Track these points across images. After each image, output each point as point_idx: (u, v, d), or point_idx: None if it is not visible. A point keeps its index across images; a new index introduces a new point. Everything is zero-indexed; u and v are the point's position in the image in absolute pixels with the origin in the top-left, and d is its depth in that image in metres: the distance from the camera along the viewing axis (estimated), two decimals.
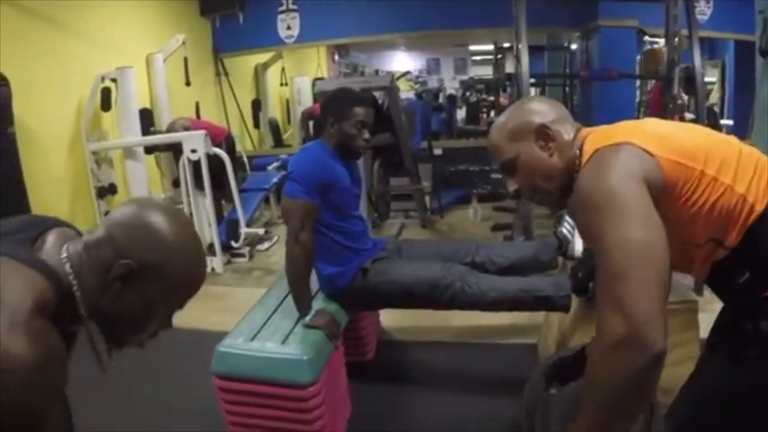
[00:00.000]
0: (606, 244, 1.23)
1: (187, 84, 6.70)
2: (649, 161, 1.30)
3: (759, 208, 1.28)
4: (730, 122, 8.64)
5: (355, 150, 2.78)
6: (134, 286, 1.12)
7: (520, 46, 4.52)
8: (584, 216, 1.32)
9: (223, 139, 6.11)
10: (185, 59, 6.73)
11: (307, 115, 9.03)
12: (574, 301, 2.64)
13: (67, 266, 1.11)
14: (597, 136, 1.44)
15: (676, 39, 4.91)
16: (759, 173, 1.33)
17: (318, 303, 2.76)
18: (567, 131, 1.54)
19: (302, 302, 2.60)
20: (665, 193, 1.30)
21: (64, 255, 1.12)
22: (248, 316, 2.72)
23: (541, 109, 1.57)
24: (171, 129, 5.84)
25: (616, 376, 1.17)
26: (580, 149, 1.47)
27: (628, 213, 1.22)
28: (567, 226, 2.99)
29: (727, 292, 1.42)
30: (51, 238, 1.17)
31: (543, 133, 1.53)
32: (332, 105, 2.84)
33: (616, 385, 1.18)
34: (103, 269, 1.10)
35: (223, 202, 6.03)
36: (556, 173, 1.52)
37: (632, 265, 1.18)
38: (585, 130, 1.54)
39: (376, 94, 5.79)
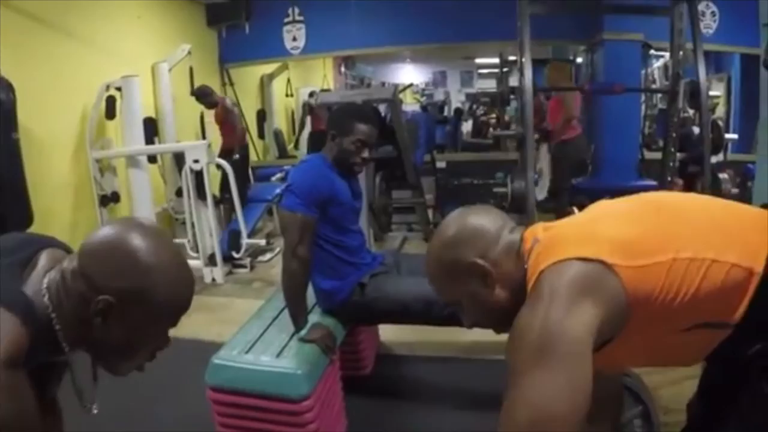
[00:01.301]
0: (517, 397, 1.15)
1: (192, 94, 6.70)
2: (605, 277, 1.17)
3: (758, 269, 1.17)
4: (735, 136, 8.60)
5: (350, 166, 2.75)
6: (117, 318, 1.08)
7: (523, 59, 4.50)
8: (512, 356, 1.20)
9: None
10: (191, 69, 6.74)
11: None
12: None
13: (46, 298, 1.08)
14: (543, 249, 1.29)
15: (681, 53, 4.89)
16: (749, 229, 1.25)
17: (314, 317, 2.74)
18: (508, 250, 1.38)
19: (298, 316, 2.58)
20: (634, 304, 1.18)
21: (45, 285, 1.10)
22: (244, 329, 2.70)
23: (473, 235, 1.40)
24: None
25: None
26: (527, 269, 1.31)
27: (553, 375, 1.10)
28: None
29: (732, 362, 1.29)
30: (42, 262, 1.15)
31: (478, 271, 1.37)
32: (336, 119, 2.82)
33: None
34: (81, 302, 1.07)
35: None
36: (503, 306, 1.38)
37: None
38: (530, 238, 1.37)
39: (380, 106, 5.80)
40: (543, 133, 6.68)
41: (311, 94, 9.44)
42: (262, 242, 5.90)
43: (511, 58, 7.59)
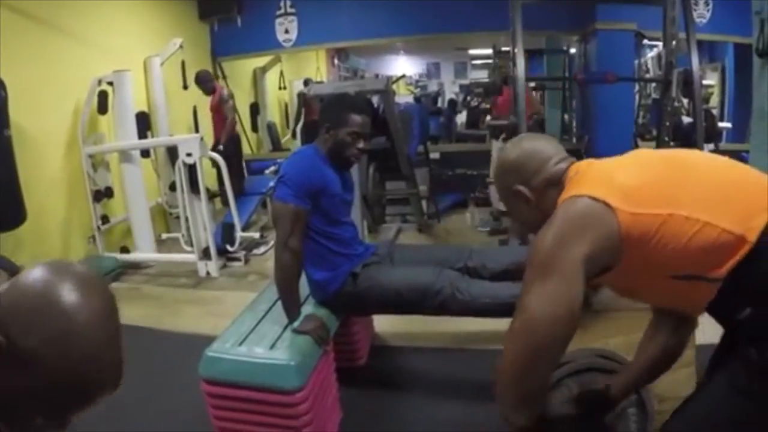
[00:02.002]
0: (524, 302, 1.40)
1: (185, 88, 6.68)
2: (603, 216, 1.37)
3: (750, 238, 1.28)
4: (729, 125, 8.61)
5: (346, 158, 2.74)
6: (7, 369, 0.86)
7: (516, 49, 4.50)
8: (528, 265, 1.44)
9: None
10: (183, 63, 6.71)
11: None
12: None
13: None
14: (573, 183, 1.52)
15: (674, 42, 4.89)
16: (752, 200, 1.34)
17: (308, 308, 2.74)
18: (550, 179, 1.60)
19: (291, 308, 2.58)
20: (626, 244, 1.36)
21: None
22: (237, 321, 2.70)
23: (522, 162, 1.65)
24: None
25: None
26: (563, 188, 1.55)
27: (551, 284, 1.36)
28: None
29: (727, 324, 1.44)
30: None
31: (520, 197, 1.63)
32: (329, 111, 2.81)
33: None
34: None
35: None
36: (541, 222, 1.53)
37: (529, 342, 1.39)
38: (573, 169, 1.59)
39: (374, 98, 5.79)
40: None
41: (306, 83, 9.44)
42: (257, 235, 5.89)
43: (505, 48, 7.59)
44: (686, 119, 6.11)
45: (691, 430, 1.45)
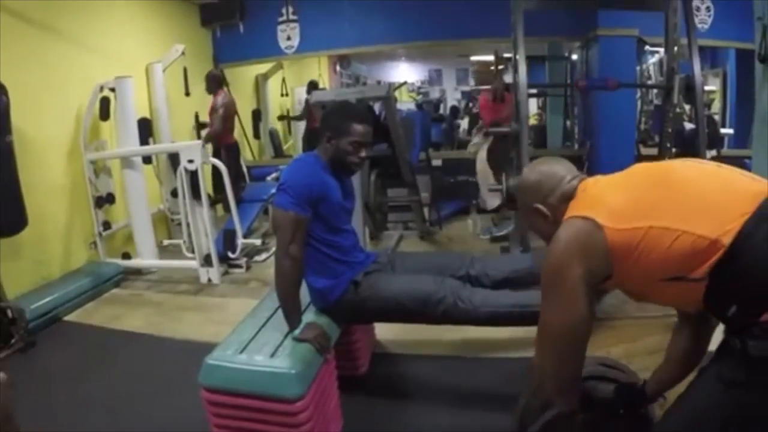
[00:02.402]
0: (543, 318, 1.71)
1: (187, 94, 6.70)
2: (593, 234, 1.57)
3: (726, 241, 1.41)
4: (731, 131, 8.60)
5: (348, 167, 2.74)
6: None
7: (518, 56, 4.50)
8: (541, 279, 1.71)
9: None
10: (185, 69, 6.73)
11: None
12: None
13: None
14: (574, 202, 1.74)
15: (676, 48, 4.89)
16: (729, 205, 1.47)
17: (309, 316, 2.73)
18: (563, 197, 1.78)
19: (292, 315, 2.57)
20: (615, 256, 1.56)
21: None
22: (238, 329, 2.69)
23: (539, 183, 1.84)
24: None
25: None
26: (569, 206, 1.75)
27: (559, 297, 1.63)
28: None
29: (723, 322, 1.52)
30: None
31: (539, 214, 1.82)
32: (331, 120, 2.80)
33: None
34: None
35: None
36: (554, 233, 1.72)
37: (551, 343, 1.71)
38: (582, 187, 1.78)
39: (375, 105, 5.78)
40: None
41: (312, 86, 9.41)
42: (258, 242, 5.88)
43: (507, 55, 7.59)
44: (688, 125, 6.11)
45: (680, 422, 1.56)
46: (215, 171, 5.57)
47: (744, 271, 1.39)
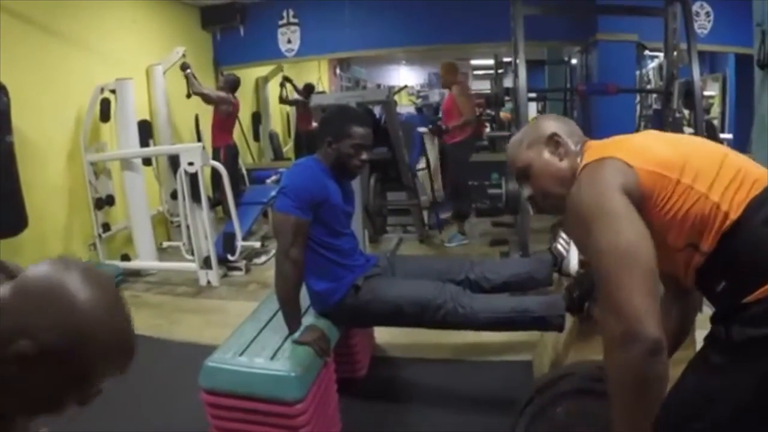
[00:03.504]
0: (597, 250, 1.39)
1: (188, 96, 6.70)
2: (628, 173, 1.44)
3: (733, 216, 1.36)
4: (730, 136, 8.62)
5: (350, 170, 2.75)
6: (33, 371, 0.90)
7: (518, 60, 4.50)
8: (576, 226, 1.50)
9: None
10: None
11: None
12: (569, 320, 2.61)
13: None
14: (593, 151, 1.62)
15: (675, 53, 4.89)
16: (738, 183, 1.41)
17: (309, 319, 2.73)
18: (575, 143, 1.70)
19: (292, 318, 2.57)
20: (643, 201, 1.42)
21: None
22: (238, 331, 2.70)
23: (553, 124, 1.75)
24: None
25: (622, 374, 1.31)
26: (581, 160, 1.63)
27: (614, 220, 1.38)
28: (562, 242, 2.96)
29: (710, 299, 1.48)
30: None
31: (553, 141, 1.71)
32: (331, 123, 2.82)
33: (626, 381, 1.31)
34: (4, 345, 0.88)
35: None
36: (565, 177, 1.66)
37: (621, 268, 1.32)
38: (588, 144, 1.70)
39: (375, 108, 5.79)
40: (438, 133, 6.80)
41: (307, 89, 9.44)
42: (257, 245, 5.89)
43: (506, 59, 7.60)
44: (687, 130, 6.11)
45: (666, 411, 1.43)
46: (214, 173, 5.58)
47: (740, 249, 1.36)
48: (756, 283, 1.30)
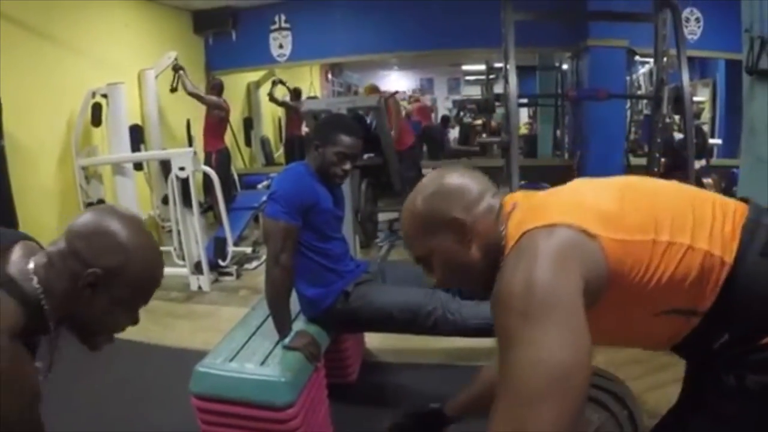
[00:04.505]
0: (519, 358, 1.06)
1: (171, 90, 6.65)
2: (588, 246, 1.16)
3: (728, 259, 1.18)
4: (719, 141, 8.66)
5: (332, 177, 2.74)
6: (102, 291, 1.22)
7: (508, 66, 4.52)
8: (502, 318, 1.13)
9: None
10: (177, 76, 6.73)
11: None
12: None
13: (35, 281, 1.19)
14: (524, 214, 1.28)
15: (665, 59, 4.92)
16: (721, 219, 1.24)
17: (299, 324, 2.73)
18: (488, 211, 1.35)
19: (282, 324, 2.57)
20: (612, 277, 1.17)
21: (31, 269, 1.20)
22: (229, 337, 2.69)
23: (456, 191, 1.37)
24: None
25: None
26: (505, 231, 1.30)
27: (553, 326, 1.06)
28: None
29: (697, 356, 1.31)
30: (18, 252, 1.25)
31: (457, 227, 1.34)
32: (321, 129, 2.83)
33: None
34: (71, 279, 1.20)
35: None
36: (476, 266, 1.36)
37: (546, 392, 1.02)
38: (510, 203, 1.37)
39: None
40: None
41: (296, 93, 9.45)
42: (249, 250, 5.88)
43: (497, 65, 7.63)
44: (677, 135, 6.14)
45: None
46: (206, 178, 5.58)
47: (744, 294, 1.17)
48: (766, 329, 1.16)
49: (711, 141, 8.15)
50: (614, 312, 1.22)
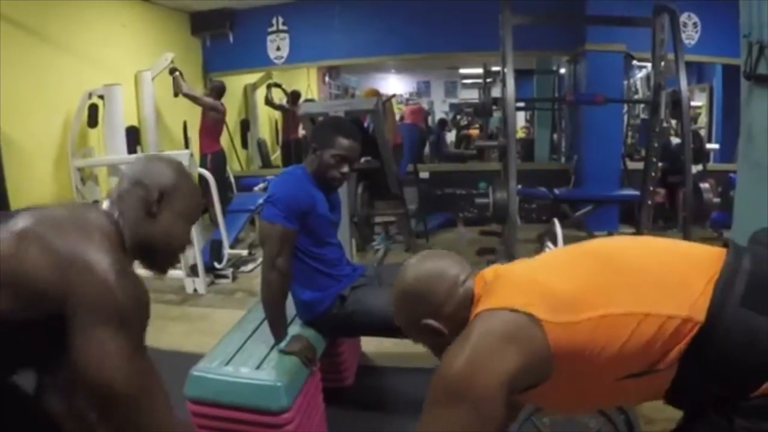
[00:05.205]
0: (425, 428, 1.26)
1: (175, 95, 6.66)
2: (530, 330, 1.23)
3: (698, 318, 1.20)
4: (716, 146, 8.68)
5: (329, 181, 2.72)
6: (166, 206, 1.49)
7: (506, 69, 4.51)
8: (431, 386, 1.29)
9: None
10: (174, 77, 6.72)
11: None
12: None
13: (116, 215, 1.45)
14: (484, 294, 1.39)
15: (663, 63, 4.92)
16: (695, 277, 1.26)
17: (295, 329, 2.72)
18: (461, 302, 1.44)
19: (278, 328, 2.56)
20: (558, 357, 1.24)
21: (106, 208, 1.46)
22: (224, 340, 2.68)
23: (430, 287, 1.46)
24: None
25: None
26: (471, 311, 1.39)
27: (462, 411, 1.20)
28: (549, 250, 2.96)
29: (691, 407, 1.34)
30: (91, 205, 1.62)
31: (430, 330, 1.45)
32: (319, 132, 2.83)
33: None
34: (140, 203, 1.47)
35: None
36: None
37: None
38: (479, 282, 1.46)
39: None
40: None
41: (294, 95, 9.45)
42: (244, 252, 5.86)
43: (495, 68, 7.63)
44: (674, 140, 6.16)
45: None
46: (202, 180, 5.56)
47: (725, 346, 1.19)
48: (758, 381, 1.17)
49: (708, 146, 8.17)
50: (572, 383, 1.29)
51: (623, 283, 1.28)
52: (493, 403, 1.19)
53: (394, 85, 14.97)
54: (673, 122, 6.17)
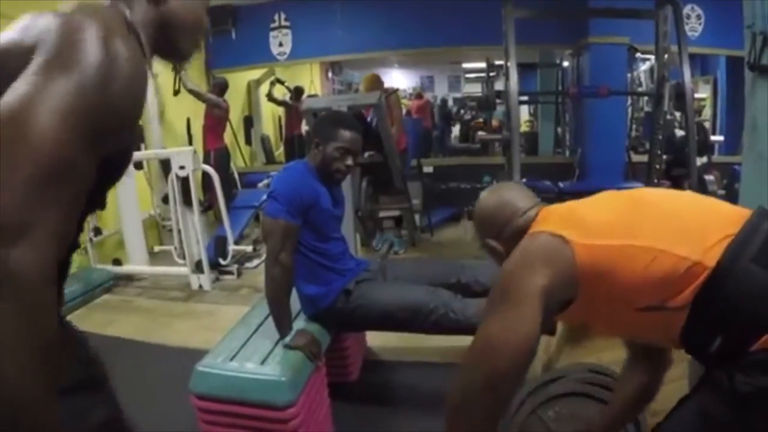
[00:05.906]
0: (483, 327, 1.46)
1: (174, 94, 6.65)
2: (559, 249, 1.43)
3: (709, 264, 1.29)
4: (721, 138, 8.65)
5: (333, 174, 2.73)
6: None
7: (509, 63, 4.51)
8: (490, 292, 1.53)
9: None
10: (177, 76, 6.71)
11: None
12: (560, 324, 2.61)
13: (128, 13, 1.16)
14: (536, 224, 1.59)
15: (666, 56, 4.91)
16: (713, 227, 1.36)
17: (299, 323, 2.72)
18: (522, 226, 1.63)
19: (282, 323, 2.56)
20: (583, 277, 1.41)
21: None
22: (229, 336, 2.69)
23: (493, 214, 1.73)
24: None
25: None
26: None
27: (509, 311, 1.39)
28: None
29: (703, 360, 1.40)
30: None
31: (491, 249, 1.72)
32: (320, 126, 2.83)
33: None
34: None
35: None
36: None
37: (482, 366, 1.41)
38: (542, 213, 1.65)
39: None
40: None
41: (297, 91, 9.44)
42: (249, 249, 5.87)
43: (498, 62, 7.61)
44: (679, 132, 6.13)
45: None
46: (206, 177, 5.57)
47: (732, 296, 1.26)
48: (758, 332, 1.22)
49: (712, 138, 8.14)
50: (598, 306, 1.46)
51: (649, 222, 1.43)
52: (533, 305, 1.37)
53: (398, 80, 14.91)
54: (677, 114, 6.15)
